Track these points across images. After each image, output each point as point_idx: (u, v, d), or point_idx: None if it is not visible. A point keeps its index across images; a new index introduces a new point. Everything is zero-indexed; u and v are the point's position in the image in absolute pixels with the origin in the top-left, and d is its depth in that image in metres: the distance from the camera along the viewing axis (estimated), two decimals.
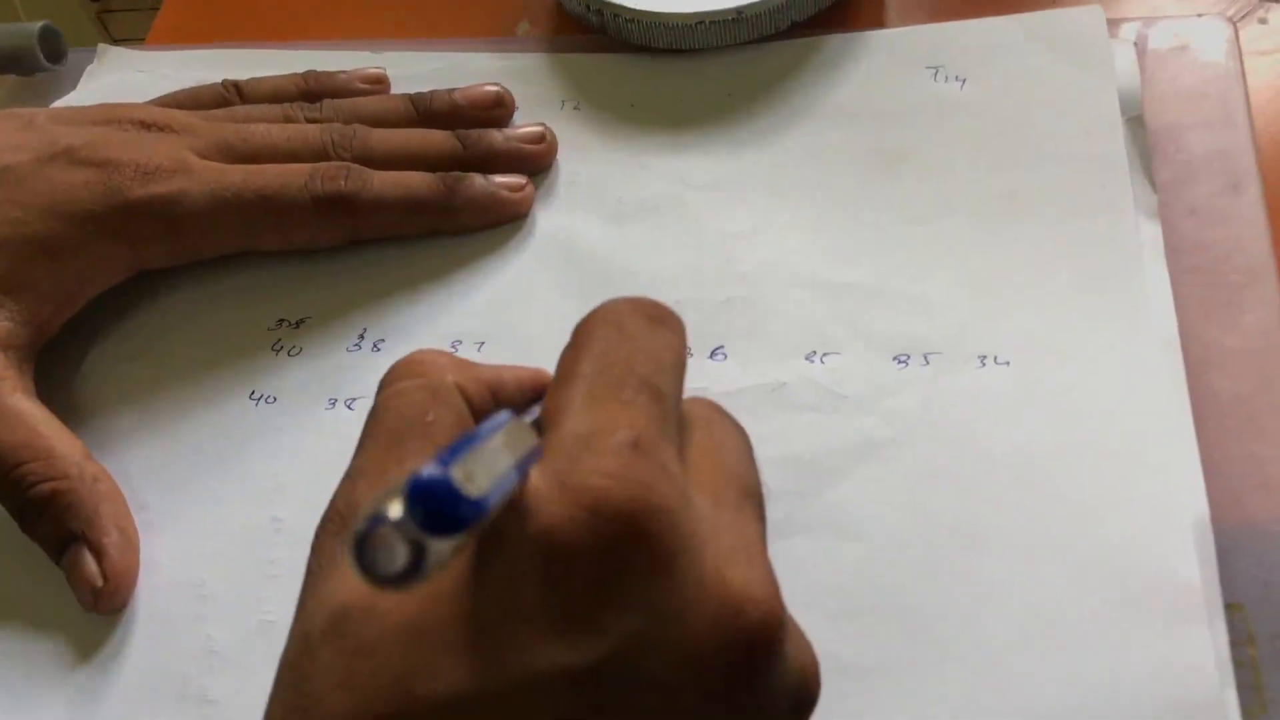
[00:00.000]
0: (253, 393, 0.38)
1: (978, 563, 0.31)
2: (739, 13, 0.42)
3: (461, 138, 0.41)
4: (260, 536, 0.34)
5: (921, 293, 0.36)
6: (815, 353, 0.36)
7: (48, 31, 0.48)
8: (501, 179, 0.40)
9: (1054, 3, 0.43)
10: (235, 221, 0.38)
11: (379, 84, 0.44)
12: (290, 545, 0.34)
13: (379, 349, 0.38)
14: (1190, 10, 0.42)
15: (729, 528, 0.22)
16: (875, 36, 0.43)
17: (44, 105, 0.46)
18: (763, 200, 0.39)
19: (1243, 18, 0.42)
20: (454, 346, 0.38)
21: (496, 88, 0.43)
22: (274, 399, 0.37)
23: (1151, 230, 0.36)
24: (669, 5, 0.42)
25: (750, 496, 0.24)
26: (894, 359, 0.35)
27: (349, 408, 0.37)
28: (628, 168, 0.41)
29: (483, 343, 0.37)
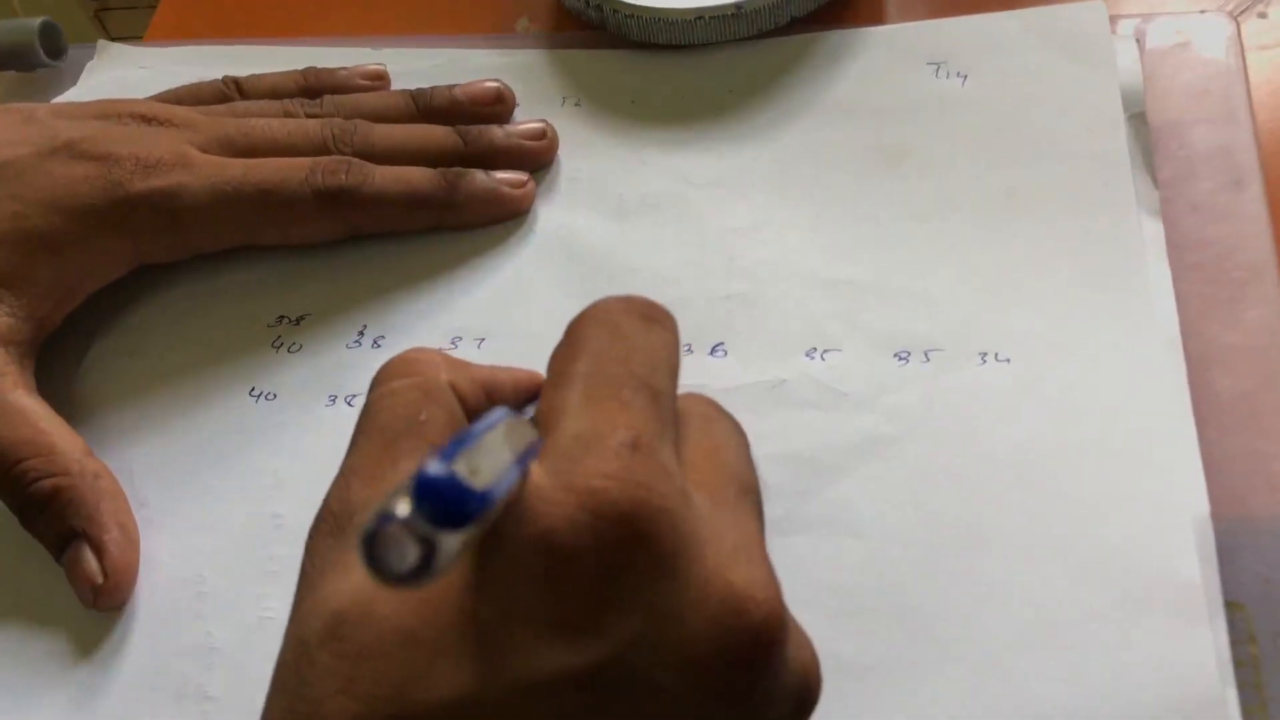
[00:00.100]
0: (253, 389, 0.37)
1: (978, 561, 0.31)
2: (738, 8, 0.41)
3: (462, 134, 0.41)
4: (260, 533, 0.34)
5: (922, 289, 0.36)
6: (816, 349, 0.36)
7: (48, 27, 0.48)
8: (503, 175, 0.40)
9: None
10: (235, 215, 0.38)
11: (379, 80, 0.44)
12: (290, 542, 0.34)
13: (379, 346, 0.38)
14: (1192, 6, 0.42)
15: (729, 527, 0.22)
16: (876, 33, 0.42)
17: (44, 101, 0.46)
18: (763, 197, 0.39)
19: (1242, 12, 0.42)
20: (454, 343, 0.37)
21: (497, 84, 0.43)
22: (274, 396, 0.37)
23: (1153, 227, 0.36)
24: (668, 1, 0.42)
25: (748, 494, 0.24)
26: (894, 356, 0.35)
27: (349, 404, 0.37)
28: (628, 164, 0.41)
29: (483, 339, 0.37)
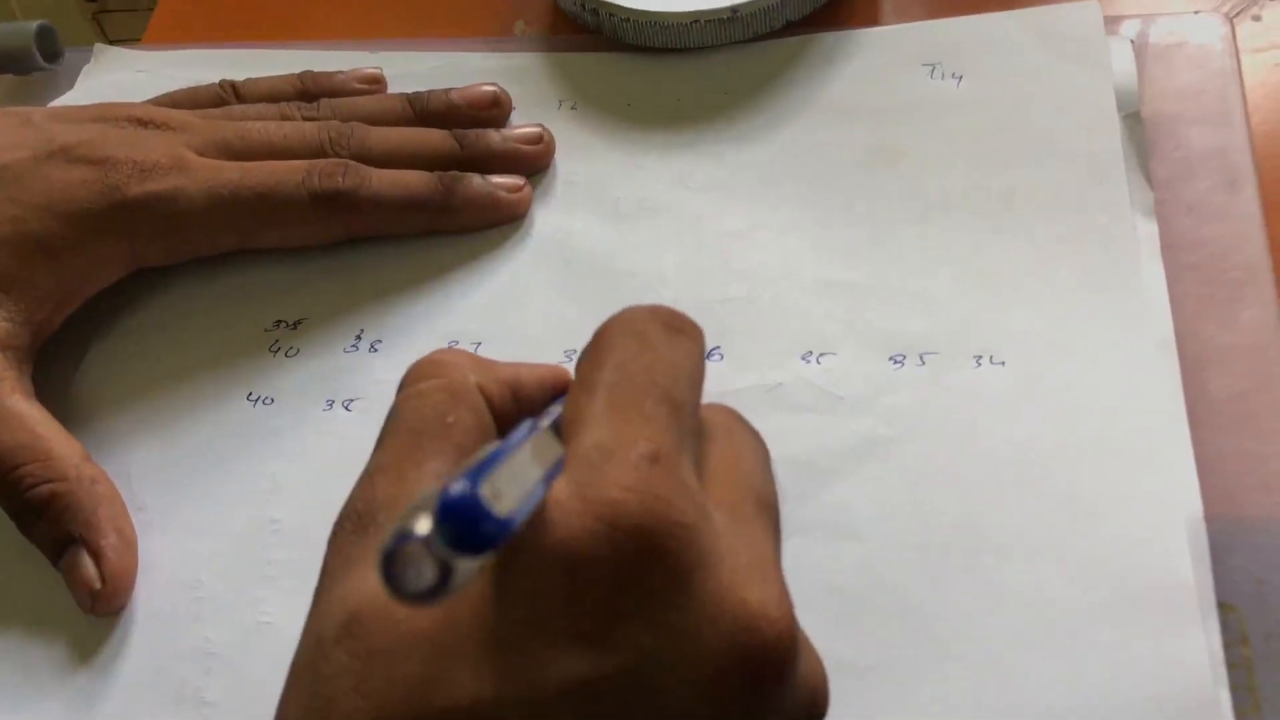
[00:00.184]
0: (250, 394, 0.38)
1: (974, 562, 0.31)
2: (734, 11, 0.41)
3: (459, 138, 0.41)
4: (258, 538, 0.35)
5: (918, 291, 0.36)
6: (811, 353, 0.36)
7: (45, 31, 0.48)
8: (499, 179, 0.40)
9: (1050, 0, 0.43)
10: (232, 219, 0.38)
11: (376, 84, 0.44)
12: (288, 546, 0.34)
13: (376, 350, 0.38)
14: (1187, 7, 0.42)
15: (745, 543, 0.22)
16: (871, 34, 0.43)
17: (41, 105, 0.46)
18: (760, 200, 0.39)
19: (1237, 15, 0.42)
20: (451, 347, 0.38)
21: (493, 88, 0.43)
22: (271, 400, 0.37)
23: (1148, 228, 0.36)
24: (664, 4, 0.42)
25: (767, 509, 0.24)
26: (890, 359, 0.35)
27: (346, 409, 0.37)
28: (625, 167, 0.41)
29: (480, 343, 0.37)
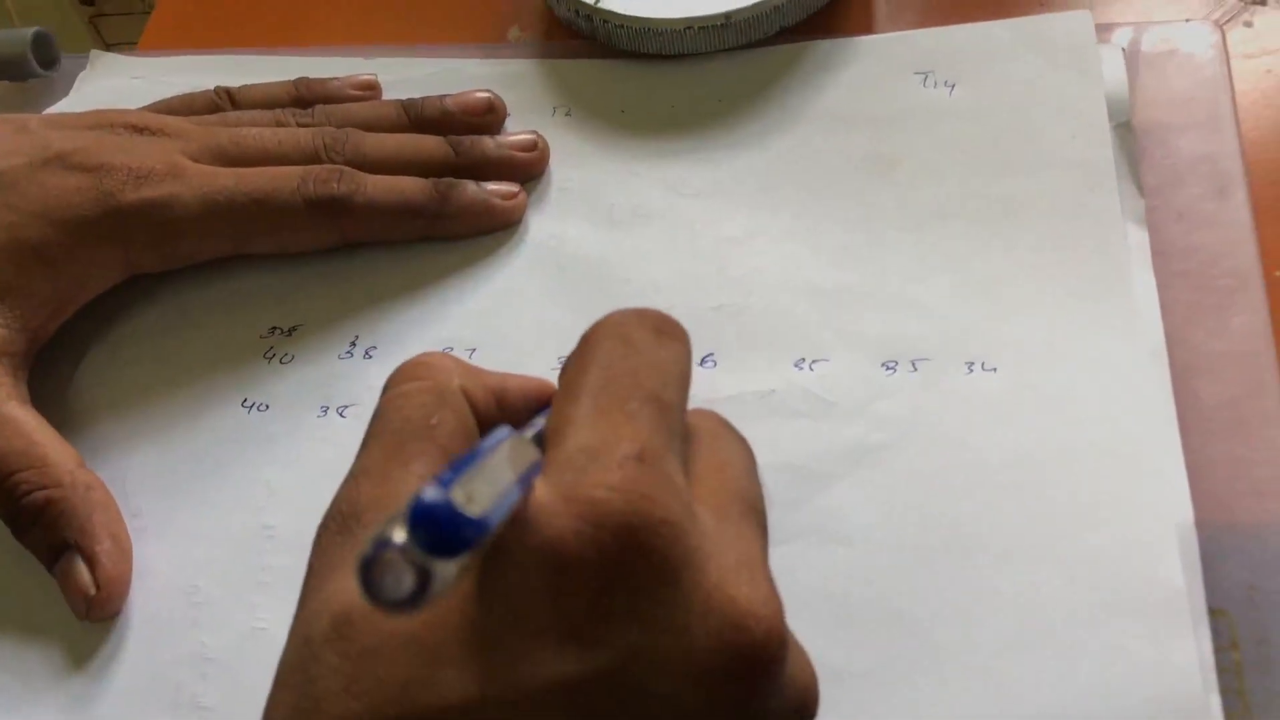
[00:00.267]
0: (245, 400, 0.38)
1: (966, 567, 0.31)
2: (727, 18, 0.42)
3: (454, 144, 0.41)
4: (253, 543, 0.35)
5: (910, 298, 0.36)
6: (804, 359, 0.36)
7: (41, 37, 0.48)
8: (494, 186, 0.40)
9: (1042, 8, 0.43)
10: (227, 225, 0.38)
11: (370, 90, 0.44)
12: (283, 552, 0.34)
13: (370, 356, 0.38)
14: (1177, 15, 0.42)
15: (732, 543, 0.22)
16: (864, 42, 0.43)
17: (36, 111, 0.46)
18: (753, 206, 0.39)
19: (1228, 21, 0.42)
20: (438, 351, 0.38)
21: (488, 94, 0.43)
22: (266, 406, 0.37)
23: (1139, 235, 0.36)
24: (658, 11, 0.42)
25: (753, 511, 0.24)
26: (882, 365, 0.35)
27: (341, 415, 0.37)
28: (619, 174, 0.41)
29: (474, 349, 0.38)
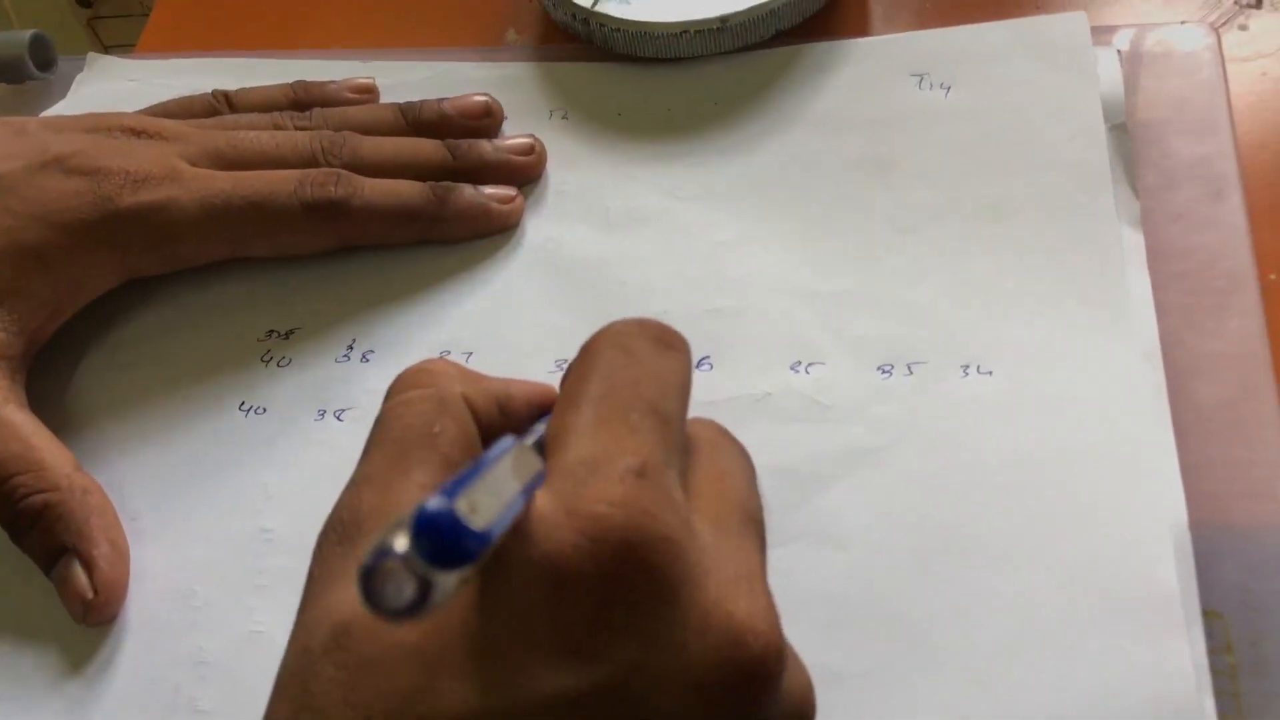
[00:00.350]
0: (243, 404, 0.38)
1: (961, 570, 0.31)
2: (723, 22, 0.42)
3: (451, 148, 0.41)
4: (250, 547, 0.35)
5: (906, 301, 0.36)
6: (800, 363, 0.36)
7: (38, 39, 0.48)
8: (491, 190, 0.40)
9: (1038, 10, 0.43)
10: (225, 228, 0.38)
11: (368, 93, 0.44)
12: (280, 556, 0.34)
13: (368, 360, 0.38)
14: (1173, 17, 0.42)
15: (731, 556, 0.22)
16: (860, 44, 0.43)
17: (34, 114, 0.46)
18: (750, 209, 0.40)
19: (1223, 24, 0.42)
20: (442, 357, 0.38)
21: (485, 98, 0.43)
22: (264, 410, 0.37)
23: (1134, 237, 0.37)
24: (654, 15, 0.42)
25: (752, 523, 0.24)
26: (878, 369, 0.35)
27: (338, 419, 0.37)
28: (616, 177, 0.41)
29: (471, 353, 0.38)
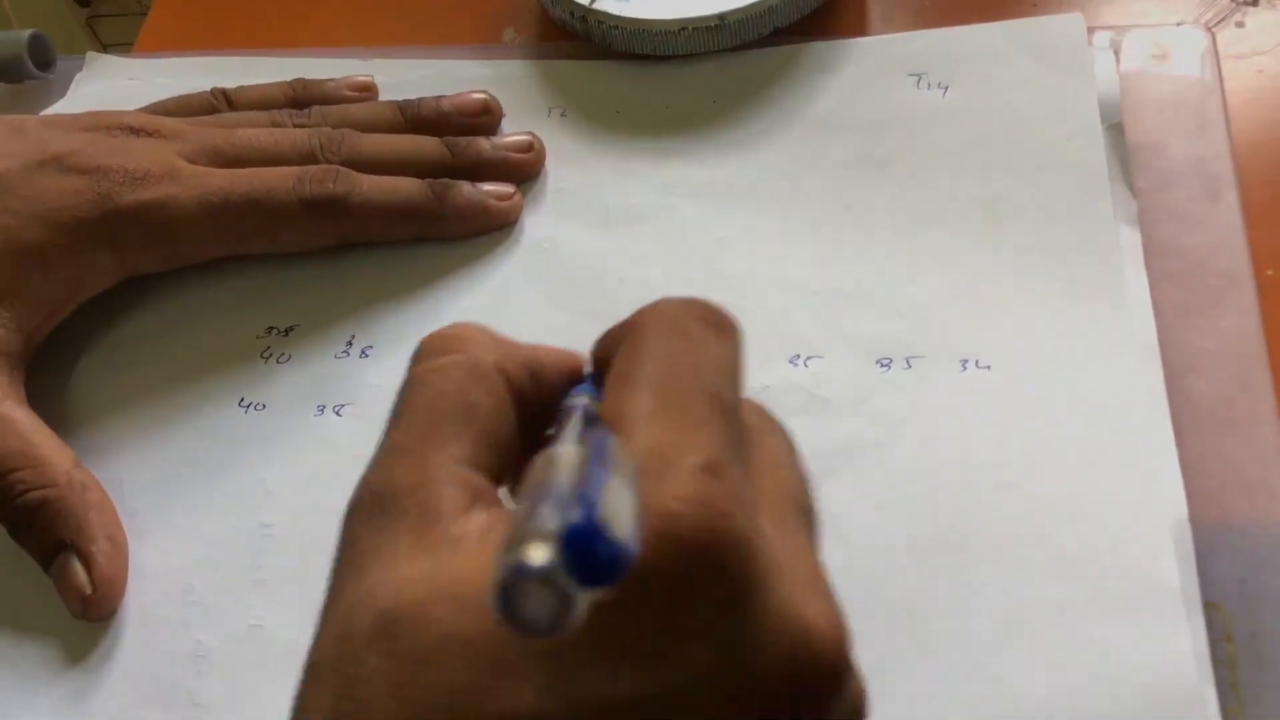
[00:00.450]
0: (242, 400, 0.38)
1: (961, 563, 0.31)
2: (721, 19, 0.42)
3: (450, 145, 0.41)
4: (249, 542, 0.35)
5: (904, 297, 0.37)
6: (799, 357, 0.36)
7: (37, 39, 0.48)
8: (490, 187, 0.40)
9: (1035, 11, 0.44)
10: (224, 226, 0.38)
11: (367, 91, 0.44)
12: (279, 551, 0.34)
13: (367, 356, 0.38)
14: (1169, 17, 0.42)
15: (795, 555, 0.21)
16: (858, 44, 0.43)
17: (33, 113, 0.46)
18: (748, 206, 0.40)
19: (1219, 22, 0.42)
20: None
21: (484, 95, 0.43)
22: (263, 406, 0.37)
23: (1131, 236, 0.37)
24: (652, 12, 0.42)
25: (806, 514, 0.23)
26: (877, 363, 0.35)
27: (337, 414, 0.37)
28: (614, 175, 0.41)
29: None
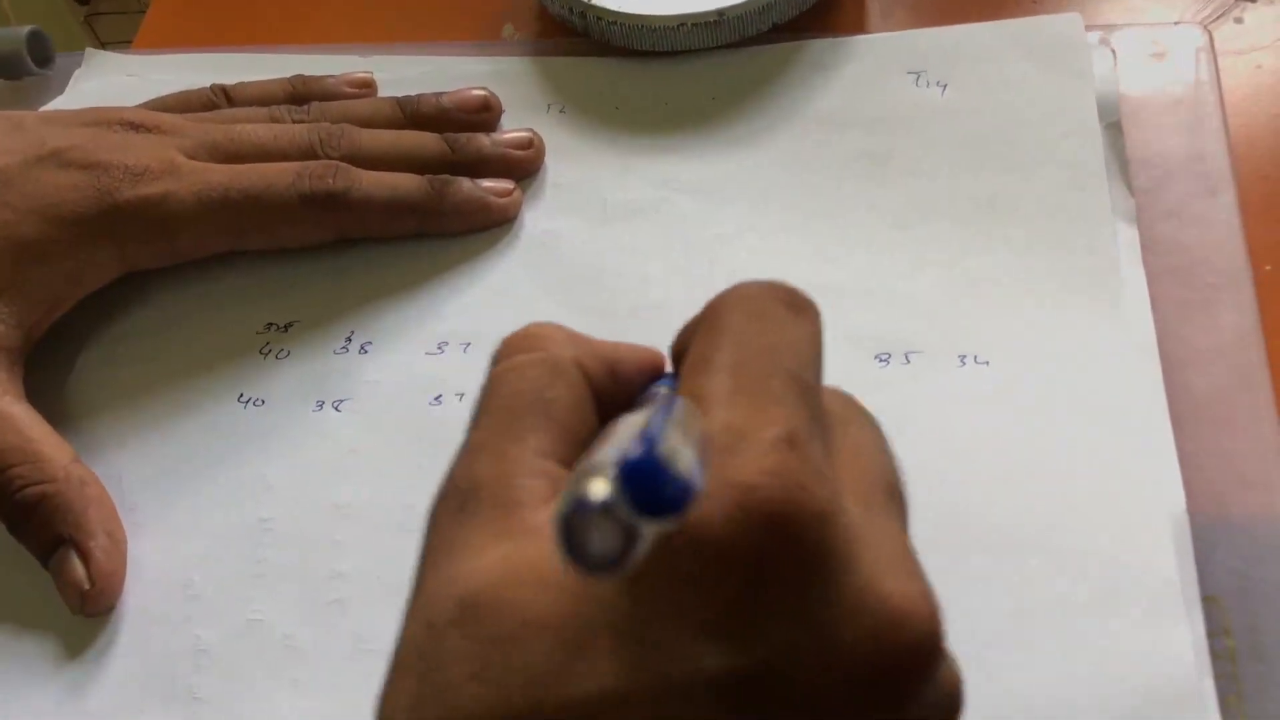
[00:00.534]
0: (241, 395, 0.38)
1: (960, 558, 0.31)
2: (720, 15, 0.42)
3: (450, 141, 0.41)
4: (248, 537, 0.35)
5: (903, 293, 0.37)
6: None
7: (35, 36, 0.48)
8: (489, 184, 0.40)
9: (1034, 10, 0.44)
10: (223, 221, 0.38)
11: (366, 88, 0.44)
12: (278, 546, 0.34)
13: (366, 351, 0.38)
14: (1167, 14, 0.43)
15: (882, 534, 0.20)
16: (857, 42, 0.43)
17: (32, 110, 0.46)
18: (746, 202, 0.40)
19: (1218, 18, 0.43)
20: (440, 348, 0.38)
21: (483, 91, 0.43)
22: (262, 401, 0.38)
23: (1129, 233, 0.37)
24: (651, 8, 0.42)
25: (895, 498, 0.22)
26: (875, 358, 0.35)
27: (336, 410, 0.37)
28: (613, 171, 0.41)
29: (469, 344, 0.38)
